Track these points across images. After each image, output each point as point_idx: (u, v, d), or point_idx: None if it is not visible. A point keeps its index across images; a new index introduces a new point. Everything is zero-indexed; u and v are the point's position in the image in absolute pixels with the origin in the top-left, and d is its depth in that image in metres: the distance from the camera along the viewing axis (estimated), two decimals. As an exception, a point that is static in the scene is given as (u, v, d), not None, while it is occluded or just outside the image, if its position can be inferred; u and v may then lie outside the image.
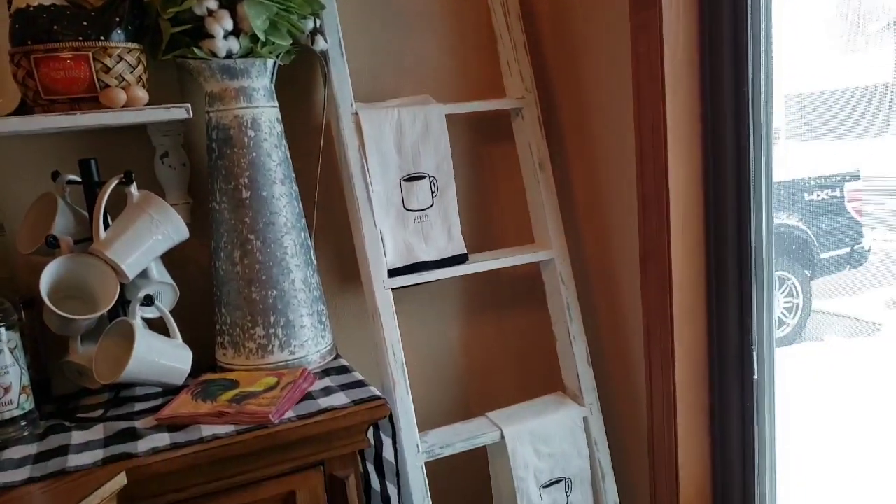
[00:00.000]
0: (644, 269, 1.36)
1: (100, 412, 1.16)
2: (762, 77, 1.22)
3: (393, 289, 1.34)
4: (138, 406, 1.17)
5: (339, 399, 1.13)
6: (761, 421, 1.32)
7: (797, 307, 1.76)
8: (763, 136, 1.24)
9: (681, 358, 1.33)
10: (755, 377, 1.31)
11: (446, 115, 1.38)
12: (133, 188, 1.15)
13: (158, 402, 1.18)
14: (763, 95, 1.22)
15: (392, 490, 1.24)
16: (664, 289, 1.32)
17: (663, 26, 1.24)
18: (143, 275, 1.20)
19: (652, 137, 1.30)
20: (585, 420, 1.43)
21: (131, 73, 1.11)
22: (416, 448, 1.31)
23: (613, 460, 1.49)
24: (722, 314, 1.32)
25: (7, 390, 1.06)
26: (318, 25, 1.27)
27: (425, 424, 1.52)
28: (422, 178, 1.37)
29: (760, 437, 1.32)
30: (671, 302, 1.31)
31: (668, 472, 1.37)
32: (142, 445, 1.02)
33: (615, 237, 1.45)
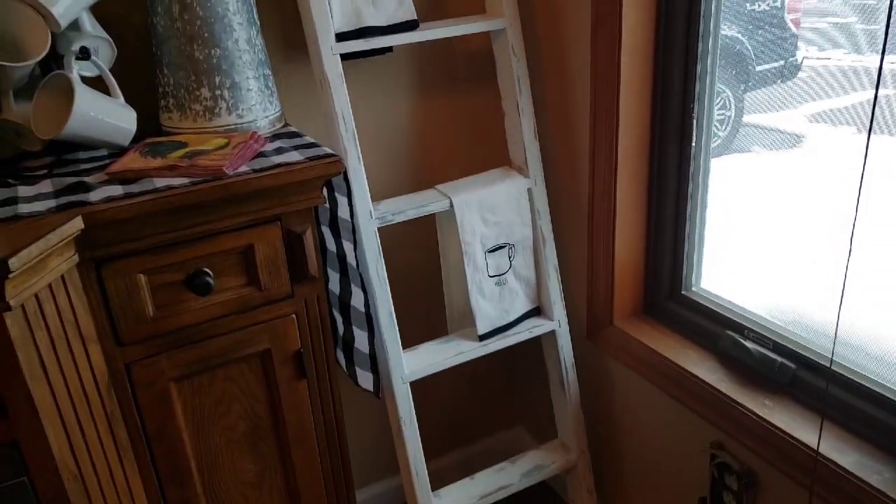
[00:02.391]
0: (594, 39, 1.36)
1: (44, 171, 1.14)
2: None
3: (341, 55, 1.31)
4: (84, 166, 1.15)
5: (293, 157, 1.13)
6: (695, 190, 1.40)
7: (729, 119, 1.80)
8: None
9: (625, 127, 1.37)
10: (693, 146, 1.37)
11: None
12: (53, -78, 1.04)
13: (105, 162, 1.16)
14: None
15: (348, 248, 1.29)
16: (613, 59, 1.33)
17: None
18: (75, 27, 1.13)
19: None
20: (530, 191, 1.49)
21: None
22: (370, 214, 1.35)
23: (554, 228, 1.58)
24: (667, 82, 1.35)
25: (-58, 143, 1.02)
26: None
27: (377, 196, 1.56)
28: (369, -67, 1.29)
29: (693, 204, 1.41)
30: (619, 69, 1.32)
31: (605, 236, 1.46)
32: (94, 196, 1.02)
33: (568, 6, 1.42)
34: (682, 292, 1.47)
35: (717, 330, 1.37)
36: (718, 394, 1.27)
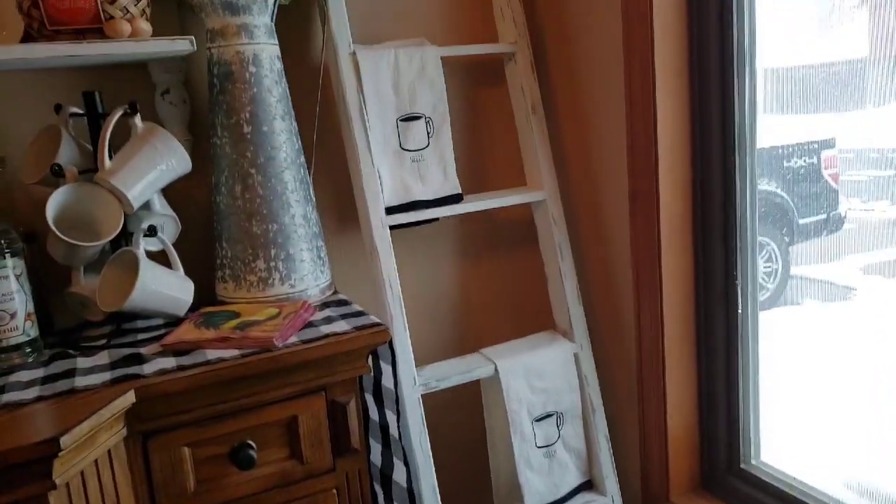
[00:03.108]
0: (633, 207, 1.41)
1: (103, 341, 1.18)
2: (746, 23, 1.26)
3: (390, 227, 1.37)
4: (141, 336, 1.19)
5: (341, 326, 1.16)
6: (745, 356, 1.37)
7: (776, 272, 1.80)
8: (747, 83, 1.28)
9: (668, 293, 1.37)
10: (739, 311, 1.36)
11: (442, 58, 1.40)
12: (137, 119, 1.16)
13: (161, 332, 1.20)
14: (747, 44, 1.27)
15: (391, 417, 1.28)
16: (652, 228, 1.36)
17: (654, -32, 1.27)
18: (146, 207, 1.22)
19: (641, 81, 1.34)
20: (576, 356, 1.48)
21: (136, 5, 1.12)
22: (413, 380, 1.35)
23: (603, 394, 1.55)
24: (708, 250, 1.37)
25: (13, 316, 1.07)
26: (316, -36, 1.29)
27: (421, 361, 1.56)
28: (418, 118, 1.39)
29: (745, 370, 1.37)
30: (659, 239, 1.35)
31: (656, 403, 1.42)
32: (148, 368, 1.04)
33: (605, 177, 1.48)
34: (742, 466, 1.39)
35: (784, 509, 1.28)
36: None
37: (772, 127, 1.38)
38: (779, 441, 1.40)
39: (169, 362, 1.06)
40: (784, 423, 1.42)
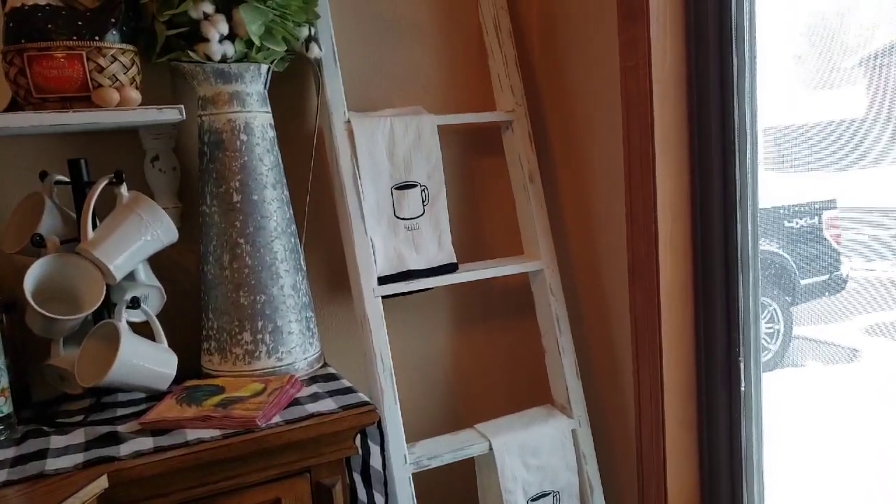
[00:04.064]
0: (632, 281, 1.37)
1: (80, 417, 1.13)
2: (746, 94, 1.25)
3: (382, 297, 1.33)
4: (120, 411, 1.15)
5: (327, 405, 1.11)
6: (748, 433, 1.32)
7: (778, 333, 1.77)
8: (748, 148, 1.26)
9: (669, 372, 1.33)
10: (742, 388, 1.31)
11: (438, 126, 1.39)
12: (123, 188, 1.14)
13: (142, 407, 1.15)
14: (748, 113, 1.26)
15: (379, 499, 1.22)
16: (652, 302, 1.33)
17: (651, 41, 1.27)
18: (130, 277, 1.19)
19: (640, 151, 1.32)
20: (574, 433, 1.42)
21: (125, 73, 1.11)
22: (404, 459, 1.29)
23: (602, 473, 1.48)
24: (709, 326, 1.33)
25: (-14, 392, 1.03)
26: (312, 33, 1.28)
27: (413, 435, 1.51)
28: (413, 186, 1.37)
29: (748, 449, 1.32)
30: (659, 315, 1.31)
31: (657, 486, 1.36)
32: (124, 449, 0.99)
33: (603, 249, 1.46)
34: (748, 550, 1.33)
35: None
36: None
37: (772, 187, 1.37)
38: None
39: (146, 443, 1.01)
40: (787, 493, 1.36)
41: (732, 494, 1.34)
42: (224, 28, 1.15)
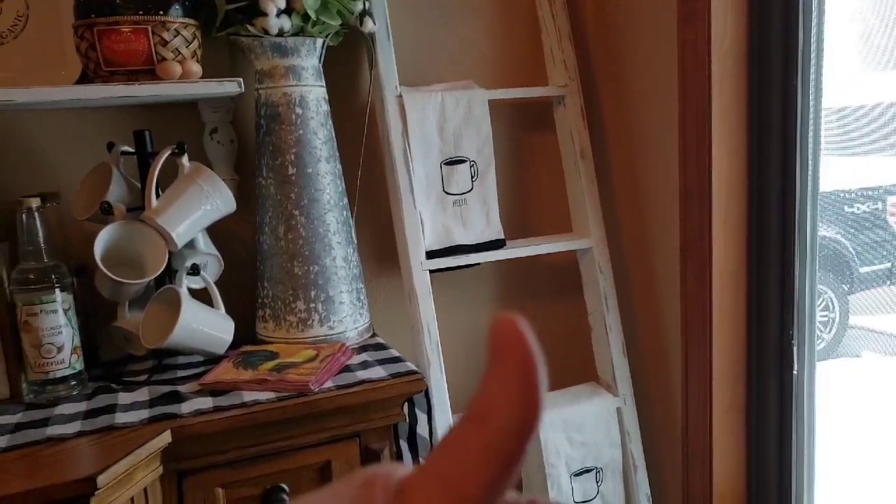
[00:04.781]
0: (684, 260, 1.36)
1: (145, 377, 1.19)
2: (811, 72, 1.21)
3: (430, 271, 1.35)
4: (181, 373, 1.20)
5: (377, 372, 1.14)
6: (799, 420, 1.30)
7: (833, 321, 1.73)
8: (811, 129, 1.23)
9: (718, 352, 1.32)
10: (794, 373, 1.29)
11: (489, 101, 1.40)
12: (185, 159, 1.18)
13: (200, 370, 1.21)
14: (812, 92, 1.22)
15: (425, 467, 1.25)
16: (704, 281, 1.32)
17: (711, 15, 1.24)
18: (190, 245, 1.23)
19: (696, 128, 1.30)
20: (619, 410, 1.43)
21: (187, 47, 1.15)
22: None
23: (646, 452, 1.49)
24: (762, 308, 1.31)
25: (60, 349, 1.09)
26: (366, 7, 1.30)
27: (458, 407, 1.53)
28: (462, 162, 1.38)
29: (798, 436, 1.30)
30: (710, 295, 1.30)
31: (701, 467, 1.36)
32: (185, 407, 1.05)
33: (655, 227, 1.44)
34: (794, 534, 1.31)
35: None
36: None
37: (833, 169, 1.33)
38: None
39: (206, 402, 1.06)
40: (839, 485, 1.34)
41: (780, 481, 1.33)
42: (281, 2, 1.17)
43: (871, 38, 1.27)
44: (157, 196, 1.17)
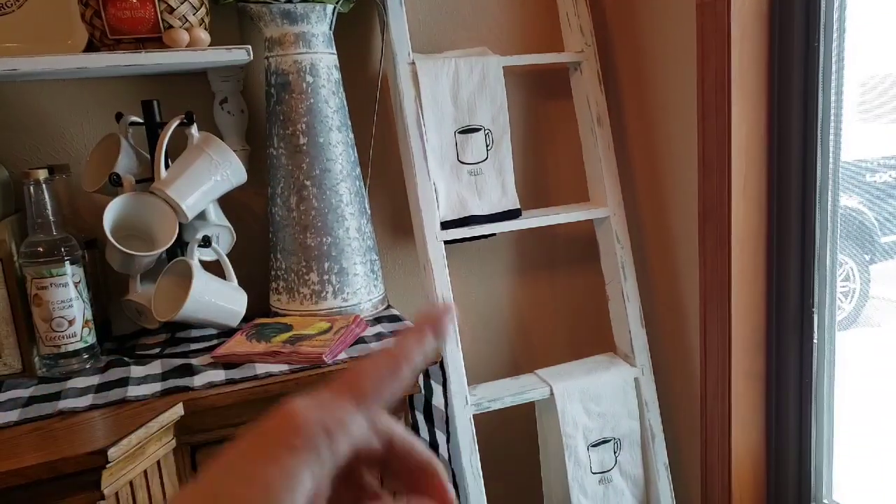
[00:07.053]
0: (702, 228, 1.33)
1: (157, 350, 1.18)
2: (834, 35, 1.17)
3: (445, 242, 1.33)
4: (194, 346, 1.19)
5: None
6: (819, 388, 1.28)
7: (854, 292, 1.70)
8: (833, 95, 1.19)
9: (737, 321, 1.29)
10: (815, 341, 1.27)
11: (504, 68, 1.36)
12: (194, 129, 1.16)
13: (213, 343, 1.20)
14: (834, 56, 1.18)
15: (441, 437, 1.24)
16: (723, 248, 1.29)
17: (732, -27, 1.19)
18: (201, 217, 1.22)
19: (715, 93, 1.26)
20: (637, 381, 1.41)
21: (194, 14, 1.12)
22: (465, 400, 1.31)
23: (664, 422, 1.47)
24: (782, 277, 1.28)
25: (71, 323, 1.09)
26: (377, -28, 1.26)
27: (474, 379, 1.52)
28: (477, 130, 1.35)
29: (818, 404, 1.28)
30: (729, 263, 1.27)
31: (720, 436, 1.34)
32: (198, 380, 1.04)
33: (673, 195, 1.41)
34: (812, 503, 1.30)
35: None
36: None
37: (857, 137, 1.30)
38: (853, 478, 1.30)
39: (218, 375, 1.05)
40: (859, 457, 1.32)
41: (800, 449, 1.31)
42: (290, -33, 1.14)
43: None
44: (167, 167, 1.15)
